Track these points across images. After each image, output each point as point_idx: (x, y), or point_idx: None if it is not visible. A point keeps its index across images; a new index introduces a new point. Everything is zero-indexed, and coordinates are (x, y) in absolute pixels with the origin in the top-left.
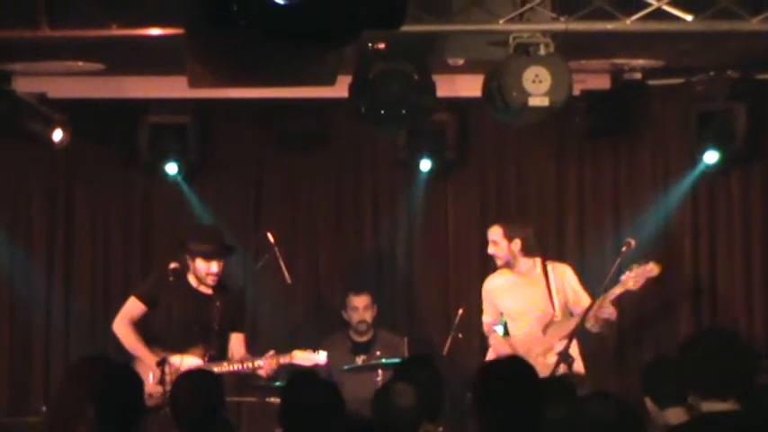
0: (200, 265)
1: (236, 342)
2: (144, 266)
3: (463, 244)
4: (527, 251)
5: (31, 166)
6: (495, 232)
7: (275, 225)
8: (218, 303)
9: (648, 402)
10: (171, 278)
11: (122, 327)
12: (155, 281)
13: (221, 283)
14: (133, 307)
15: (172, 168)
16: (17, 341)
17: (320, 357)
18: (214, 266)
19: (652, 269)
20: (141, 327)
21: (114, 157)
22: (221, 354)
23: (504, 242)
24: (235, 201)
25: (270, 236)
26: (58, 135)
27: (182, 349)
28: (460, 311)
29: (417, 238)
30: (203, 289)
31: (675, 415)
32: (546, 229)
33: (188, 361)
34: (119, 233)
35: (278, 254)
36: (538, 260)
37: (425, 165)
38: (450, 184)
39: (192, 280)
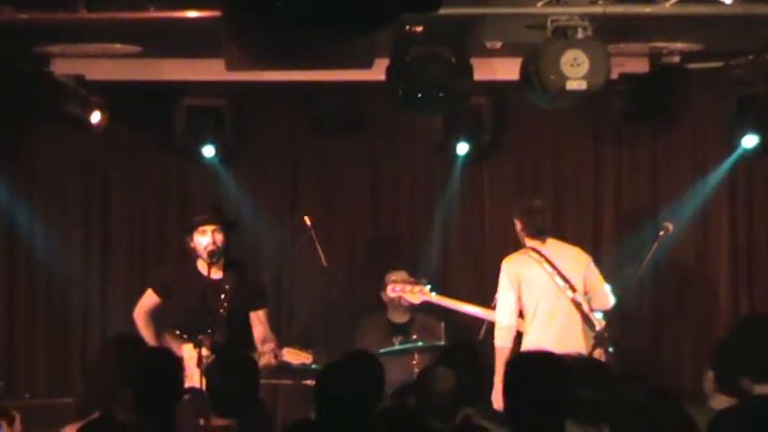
0: (197, 240)
1: (256, 321)
2: (180, 249)
3: (499, 228)
4: (529, 233)
5: (68, 148)
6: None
7: (311, 208)
8: (227, 287)
9: (709, 380)
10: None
11: (138, 319)
12: (167, 271)
13: (233, 265)
14: (148, 299)
15: (208, 151)
16: (55, 323)
17: (308, 358)
18: (208, 237)
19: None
20: (160, 317)
21: (151, 140)
22: (236, 338)
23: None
24: (271, 184)
25: (306, 219)
26: (95, 117)
27: (191, 337)
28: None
29: (454, 221)
30: (213, 274)
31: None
32: (583, 214)
33: (186, 351)
34: (155, 215)
35: (314, 237)
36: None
37: (462, 148)
38: (487, 168)
39: (201, 266)
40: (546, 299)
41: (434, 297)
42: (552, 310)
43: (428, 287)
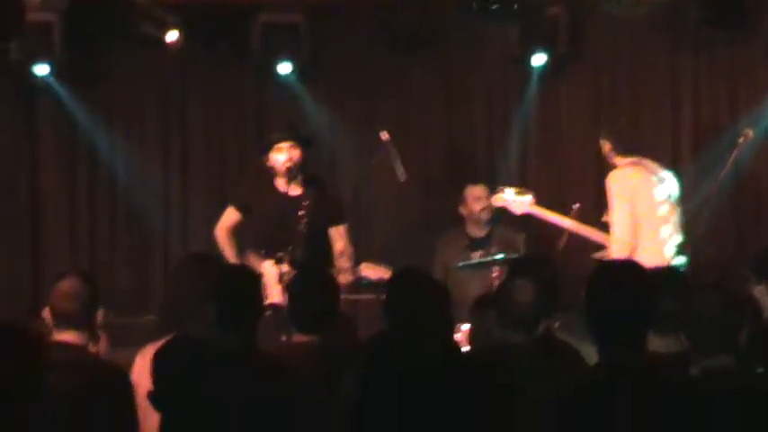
0: (274, 158)
1: (337, 236)
2: (259, 166)
3: (577, 139)
4: (620, 152)
5: (145, 68)
6: None
7: (388, 123)
8: (306, 203)
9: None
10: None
11: (219, 236)
12: (246, 188)
13: (311, 181)
14: (229, 216)
15: (285, 68)
16: (136, 243)
17: (386, 273)
18: (284, 154)
19: None
20: (240, 234)
21: (227, 59)
22: (316, 254)
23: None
24: (348, 100)
25: (383, 134)
26: (171, 36)
27: (271, 254)
28: (575, 206)
29: (531, 134)
30: (291, 191)
31: None
32: (661, 124)
33: (266, 267)
34: (233, 133)
35: (391, 152)
36: None
37: (538, 60)
38: (564, 79)
39: (279, 184)
40: (656, 212)
41: (537, 210)
42: (660, 224)
43: (531, 198)
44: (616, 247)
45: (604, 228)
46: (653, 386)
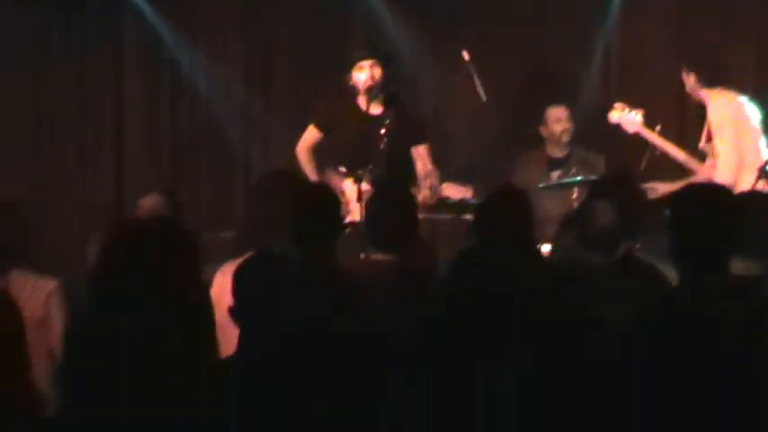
0: (356, 76)
1: (419, 156)
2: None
3: (661, 57)
4: (706, 83)
5: None
6: None
7: (470, 43)
8: (387, 122)
9: None
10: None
11: (301, 154)
12: (328, 107)
13: (392, 100)
14: (310, 135)
15: None
16: (218, 160)
17: (468, 192)
18: (366, 72)
19: None
20: (322, 152)
21: None
22: (396, 173)
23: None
24: (429, 19)
25: (464, 54)
26: None
27: (352, 172)
28: (658, 127)
29: (613, 53)
30: (373, 110)
31: None
32: (748, 39)
33: (346, 185)
34: (315, 51)
35: (473, 71)
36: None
37: None
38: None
39: (361, 102)
40: (756, 137)
41: (646, 132)
42: (760, 149)
43: (641, 117)
44: (723, 172)
45: (701, 156)
46: (734, 309)
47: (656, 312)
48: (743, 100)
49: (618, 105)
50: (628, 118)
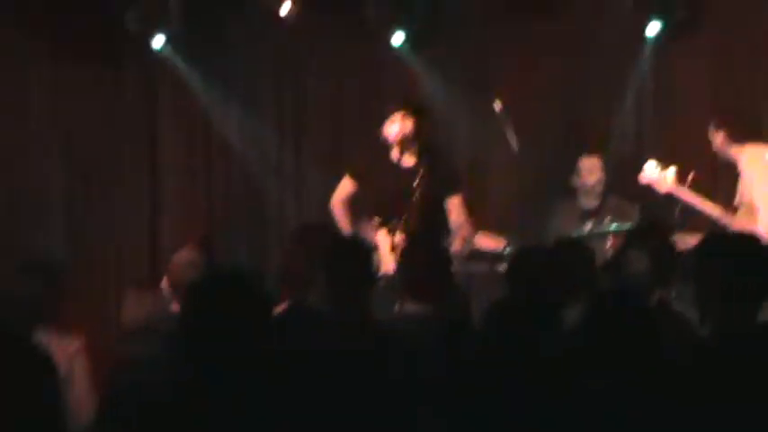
0: (387, 129)
1: (452, 207)
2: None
3: (694, 107)
4: (737, 139)
5: (260, 39)
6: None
7: (503, 93)
8: (420, 173)
9: None
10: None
11: (335, 207)
12: (362, 159)
13: (426, 151)
14: (345, 187)
15: (399, 38)
16: (252, 213)
17: (501, 243)
18: (397, 125)
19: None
20: (356, 204)
21: (341, 29)
22: (430, 224)
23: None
24: (463, 68)
25: (497, 103)
26: (285, 8)
27: (385, 224)
28: (691, 176)
29: (646, 102)
30: (406, 161)
31: None
32: None
33: (380, 237)
34: (348, 104)
35: (505, 122)
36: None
37: (653, 28)
38: (680, 47)
39: (394, 153)
40: None
41: (679, 189)
42: None
43: (673, 175)
44: (766, 224)
45: (735, 211)
46: (759, 356)
47: (681, 358)
48: None
49: (648, 165)
50: (659, 178)
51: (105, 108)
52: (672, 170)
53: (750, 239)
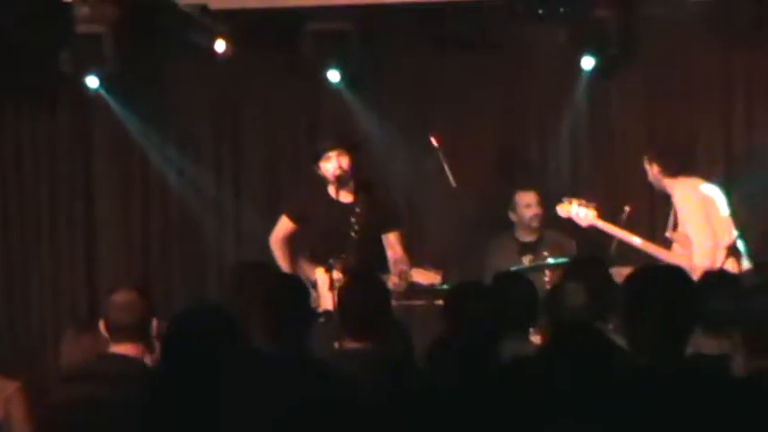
0: (324, 167)
1: (389, 243)
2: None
3: (629, 141)
4: (671, 173)
5: (195, 78)
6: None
7: (439, 128)
8: (358, 210)
9: None
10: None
11: (274, 245)
12: (300, 196)
13: (363, 187)
14: (283, 225)
15: (335, 76)
16: (190, 253)
17: (436, 278)
18: (333, 162)
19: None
20: (296, 242)
21: (277, 67)
22: (368, 261)
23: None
24: (398, 105)
25: (433, 139)
26: (220, 46)
27: (323, 261)
28: (627, 209)
29: (582, 138)
30: (343, 198)
31: None
32: (712, 125)
33: (318, 275)
34: (285, 142)
35: (442, 157)
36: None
37: (587, 63)
38: (614, 82)
39: (332, 191)
40: (723, 218)
41: (601, 223)
42: (729, 230)
43: (595, 212)
44: (700, 255)
45: (667, 243)
46: (688, 387)
47: (607, 389)
48: (706, 185)
49: (566, 200)
50: (578, 213)
51: (40, 149)
52: (591, 207)
53: (677, 273)
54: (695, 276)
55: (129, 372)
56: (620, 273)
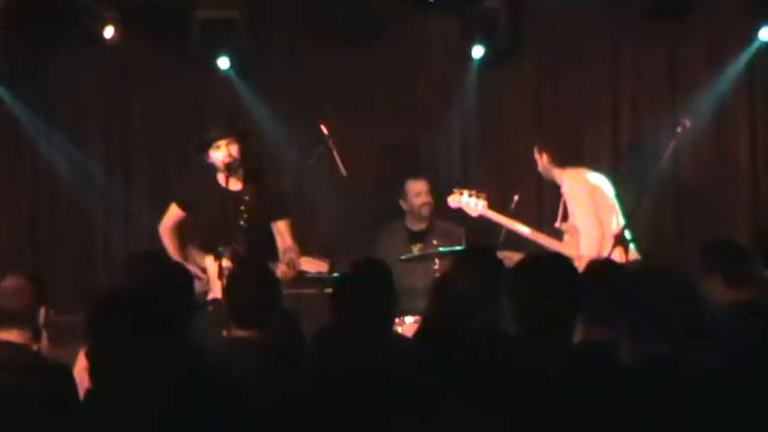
0: (214, 155)
1: (279, 231)
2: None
3: (518, 131)
4: (560, 163)
5: (84, 65)
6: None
7: (328, 116)
8: (247, 198)
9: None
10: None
11: (163, 233)
12: (189, 184)
13: (252, 176)
14: (172, 213)
15: (224, 63)
16: (78, 242)
17: (324, 267)
18: (223, 151)
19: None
20: (186, 229)
21: (166, 54)
22: (257, 249)
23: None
24: (287, 93)
25: (323, 127)
26: (109, 32)
27: (213, 249)
28: (515, 198)
29: (472, 127)
30: (232, 186)
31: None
32: (602, 114)
33: (208, 263)
34: (174, 129)
35: (332, 146)
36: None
37: (477, 52)
38: (504, 71)
39: (221, 179)
40: (611, 208)
41: (490, 213)
42: (615, 219)
43: (485, 202)
44: (588, 245)
45: (557, 234)
46: (575, 374)
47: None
48: (595, 175)
49: (456, 191)
50: (468, 203)
51: None
52: (482, 198)
53: (561, 262)
54: (582, 265)
55: (16, 359)
56: (512, 258)
